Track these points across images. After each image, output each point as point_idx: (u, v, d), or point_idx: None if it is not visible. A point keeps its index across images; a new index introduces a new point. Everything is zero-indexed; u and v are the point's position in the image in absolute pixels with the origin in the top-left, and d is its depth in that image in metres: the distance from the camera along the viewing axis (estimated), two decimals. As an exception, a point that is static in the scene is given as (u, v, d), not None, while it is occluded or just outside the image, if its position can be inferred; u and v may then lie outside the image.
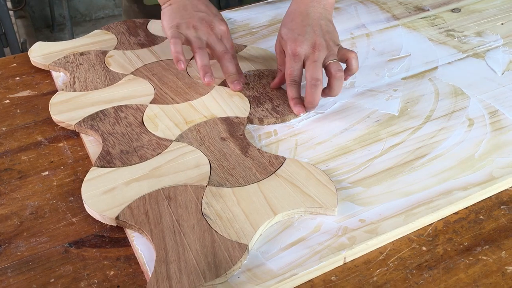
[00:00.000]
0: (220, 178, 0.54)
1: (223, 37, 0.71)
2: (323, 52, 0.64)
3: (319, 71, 0.63)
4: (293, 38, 0.66)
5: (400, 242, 0.49)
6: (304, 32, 0.66)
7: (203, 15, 0.71)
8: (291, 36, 0.66)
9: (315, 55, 0.64)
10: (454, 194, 0.53)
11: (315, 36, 0.65)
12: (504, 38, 0.82)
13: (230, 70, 0.68)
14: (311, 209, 0.51)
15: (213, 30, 0.70)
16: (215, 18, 0.71)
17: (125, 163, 0.57)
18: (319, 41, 0.65)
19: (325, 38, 0.66)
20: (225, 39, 0.71)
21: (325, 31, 0.67)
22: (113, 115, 0.64)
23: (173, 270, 0.44)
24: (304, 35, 0.65)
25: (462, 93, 0.69)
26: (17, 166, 0.59)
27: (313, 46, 0.64)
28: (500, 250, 0.48)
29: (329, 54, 0.65)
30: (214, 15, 0.72)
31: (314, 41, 0.65)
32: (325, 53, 0.65)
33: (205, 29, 0.69)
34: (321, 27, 0.67)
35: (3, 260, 0.48)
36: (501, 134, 0.61)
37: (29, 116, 0.68)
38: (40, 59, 0.77)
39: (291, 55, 0.65)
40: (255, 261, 0.47)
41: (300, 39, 0.65)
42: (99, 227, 0.51)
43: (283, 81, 0.68)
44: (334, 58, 0.65)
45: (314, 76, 0.62)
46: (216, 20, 0.71)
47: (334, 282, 0.46)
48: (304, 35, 0.65)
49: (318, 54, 0.64)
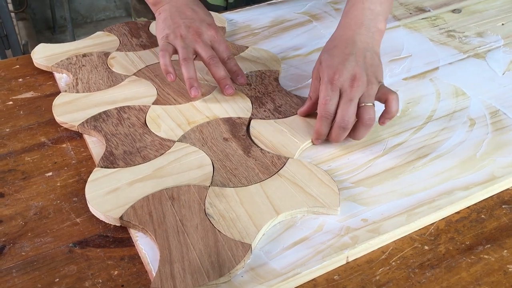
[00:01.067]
0: (223, 178, 0.55)
1: (214, 42, 0.69)
2: (362, 88, 0.58)
3: (352, 112, 0.57)
4: (333, 65, 0.59)
5: (402, 241, 0.50)
6: (346, 61, 0.59)
7: (189, 22, 0.69)
8: (331, 63, 0.60)
9: (352, 92, 0.57)
10: (455, 193, 0.53)
11: (357, 68, 0.59)
12: (505, 38, 0.82)
13: (218, 75, 0.67)
14: (313, 209, 0.51)
15: (200, 37, 0.68)
16: (203, 24, 0.70)
17: (128, 163, 0.57)
18: (360, 74, 0.58)
19: (367, 72, 0.59)
20: (216, 43, 0.69)
21: (369, 64, 0.60)
22: (116, 116, 0.64)
23: (177, 270, 0.45)
24: (345, 64, 0.59)
25: (463, 94, 0.69)
26: (21, 167, 0.60)
27: (353, 79, 0.58)
28: (502, 249, 0.49)
29: (367, 94, 0.58)
30: (201, 20, 0.70)
31: (354, 73, 0.58)
32: (363, 90, 0.58)
33: (192, 37, 0.68)
34: (365, 58, 0.60)
35: (7, 260, 0.49)
36: (502, 134, 0.61)
37: (32, 117, 0.68)
38: (43, 60, 0.77)
39: (327, 83, 0.59)
40: (258, 260, 0.47)
41: (340, 68, 0.59)
42: (103, 227, 0.51)
43: (312, 110, 0.63)
44: (371, 101, 0.58)
45: (345, 118, 0.57)
46: (204, 25, 0.69)
47: (337, 281, 0.46)
48: (345, 64, 0.59)
49: (355, 91, 0.58)
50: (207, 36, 0.69)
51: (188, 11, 0.71)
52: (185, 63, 0.66)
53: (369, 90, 0.59)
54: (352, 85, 0.58)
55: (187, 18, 0.70)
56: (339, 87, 0.58)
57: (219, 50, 0.69)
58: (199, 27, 0.69)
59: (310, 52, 0.80)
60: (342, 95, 0.58)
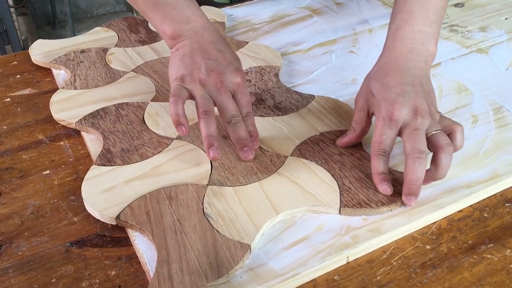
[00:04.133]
0: (221, 177, 0.54)
1: (237, 92, 0.58)
2: (427, 119, 0.52)
3: (423, 141, 0.51)
4: (391, 98, 0.53)
5: (404, 240, 0.49)
6: (403, 93, 0.53)
7: (213, 64, 0.57)
8: (388, 96, 0.53)
9: (417, 122, 0.52)
10: (458, 192, 0.52)
11: (417, 99, 0.53)
12: (508, 33, 0.81)
13: (237, 135, 0.56)
14: (313, 208, 0.50)
15: (223, 84, 0.56)
16: (228, 68, 0.58)
17: (125, 161, 0.56)
18: (421, 106, 0.52)
19: (427, 102, 0.53)
20: (239, 94, 0.58)
21: (426, 93, 0.54)
22: (114, 113, 0.64)
23: (174, 270, 0.44)
24: (404, 96, 0.53)
25: (465, 89, 0.68)
26: (18, 165, 0.59)
27: (415, 112, 0.52)
28: (505, 248, 0.48)
29: (433, 123, 0.52)
30: (228, 63, 0.58)
31: (416, 105, 0.52)
32: (429, 121, 0.52)
33: (214, 83, 0.56)
34: (422, 87, 0.54)
35: (4, 260, 0.48)
36: (505, 131, 0.61)
37: (30, 114, 0.67)
38: (41, 57, 0.76)
39: (386, 119, 0.52)
40: (257, 260, 0.46)
41: (399, 101, 0.52)
42: (101, 227, 0.51)
43: (353, 142, 0.57)
44: (439, 128, 0.52)
45: (416, 147, 0.50)
46: (229, 70, 0.58)
47: (337, 281, 0.46)
48: (404, 96, 0.53)
49: (421, 122, 0.52)
50: (231, 84, 0.57)
51: (213, 50, 0.59)
52: (205, 118, 0.54)
53: (433, 119, 0.53)
54: (416, 118, 0.52)
55: (210, 59, 0.58)
56: (400, 123, 0.52)
57: (240, 103, 0.58)
58: (223, 71, 0.57)
59: (311, 48, 0.79)
60: (406, 129, 0.52)
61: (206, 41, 0.59)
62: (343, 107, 0.64)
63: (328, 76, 0.72)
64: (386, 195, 0.51)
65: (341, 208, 0.50)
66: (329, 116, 0.63)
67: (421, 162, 0.49)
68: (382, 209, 0.50)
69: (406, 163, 0.50)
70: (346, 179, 0.53)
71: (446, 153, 0.50)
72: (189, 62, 0.57)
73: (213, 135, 0.54)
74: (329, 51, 0.78)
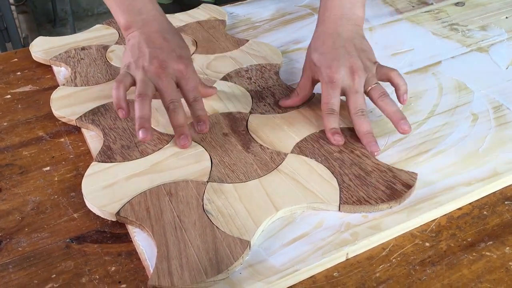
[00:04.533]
0: (221, 174, 0.54)
1: (180, 78, 0.60)
2: (363, 76, 0.59)
3: (363, 101, 0.59)
4: (328, 64, 0.60)
5: (403, 238, 0.49)
6: (338, 56, 0.60)
7: (156, 52, 0.60)
8: (325, 62, 0.60)
9: (355, 85, 0.59)
10: (457, 189, 0.52)
11: (351, 58, 0.60)
12: (508, 32, 0.81)
13: (174, 122, 0.58)
14: (313, 205, 0.51)
15: (164, 70, 0.58)
16: (171, 55, 0.60)
17: (126, 158, 0.56)
18: (356, 64, 0.59)
19: (361, 59, 0.60)
20: (183, 80, 0.60)
21: (359, 49, 0.61)
22: (114, 110, 0.64)
23: (174, 266, 0.44)
24: (339, 59, 0.59)
25: (465, 88, 0.68)
26: (18, 162, 0.59)
27: (351, 71, 0.59)
28: (504, 246, 0.48)
29: (369, 78, 0.60)
30: (171, 50, 0.60)
31: (350, 64, 0.59)
32: (365, 77, 0.59)
33: (155, 69, 0.58)
34: (355, 46, 0.61)
35: (4, 256, 0.48)
36: (505, 129, 0.61)
37: (30, 111, 0.67)
38: (41, 54, 0.77)
39: (328, 83, 0.59)
40: (257, 257, 0.46)
41: (335, 65, 0.59)
42: (101, 223, 0.51)
43: (295, 105, 0.64)
44: (375, 81, 0.60)
45: (358, 108, 0.58)
46: (172, 57, 0.60)
47: (337, 278, 0.46)
48: (339, 60, 0.59)
49: (358, 82, 0.59)
50: (173, 71, 0.59)
51: (158, 39, 0.61)
52: (140, 100, 0.56)
53: (369, 74, 0.60)
54: (354, 78, 0.59)
55: (155, 48, 0.60)
56: (340, 83, 0.59)
57: (185, 89, 0.60)
58: (165, 59, 0.59)
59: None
60: (347, 91, 0.59)
61: (153, 31, 0.62)
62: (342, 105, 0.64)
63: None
64: (338, 145, 0.58)
65: (341, 205, 0.50)
66: (329, 113, 0.63)
67: (364, 117, 0.58)
68: (381, 206, 0.50)
69: (353, 121, 0.58)
70: (346, 176, 0.53)
71: (383, 101, 0.58)
72: (136, 51, 0.61)
73: (145, 117, 0.56)
74: (329, 49, 0.78)
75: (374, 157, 0.56)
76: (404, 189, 0.51)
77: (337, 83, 0.59)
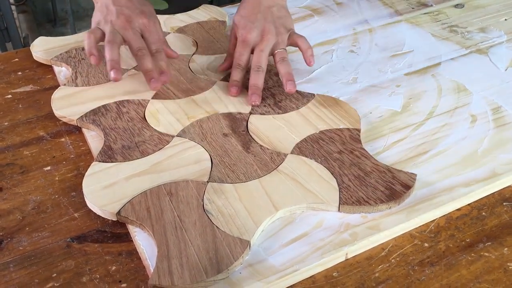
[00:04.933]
0: (221, 174, 0.54)
1: (144, 31, 0.69)
2: (272, 40, 0.68)
3: (264, 59, 0.67)
4: (244, 25, 0.68)
5: (402, 238, 0.49)
6: (255, 19, 0.68)
7: (121, 9, 0.68)
8: (243, 23, 0.69)
9: (262, 45, 0.67)
10: (456, 190, 0.53)
11: (265, 23, 0.68)
12: (508, 34, 0.81)
13: (143, 67, 0.66)
14: (313, 205, 0.51)
15: (130, 24, 0.68)
16: (135, 11, 0.69)
17: (126, 158, 0.57)
18: (268, 28, 0.68)
19: (275, 25, 0.68)
20: (147, 32, 0.69)
21: (276, 17, 0.69)
22: (115, 110, 0.64)
23: (174, 266, 0.44)
24: (254, 22, 0.68)
25: (465, 89, 0.69)
26: (19, 161, 0.59)
27: (262, 34, 0.67)
28: (503, 246, 0.48)
29: (278, 43, 0.68)
30: (135, 8, 0.69)
31: (263, 28, 0.68)
32: (274, 41, 0.68)
33: (121, 24, 0.67)
34: (272, 13, 0.69)
35: (5, 255, 0.48)
36: (504, 131, 0.61)
37: (31, 111, 0.68)
38: (42, 54, 0.77)
39: (241, 42, 0.68)
40: (257, 257, 0.47)
41: (250, 26, 0.68)
42: (101, 222, 0.51)
43: (231, 66, 0.70)
44: (283, 47, 0.68)
45: (257, 64, 0.66)
46: (136, 13, 0.69)
47: (336, 278, 0.46)
48: (254, 22, 0.68)
49: (266, 43, 0.67)
50: (138, 24, 0.68)
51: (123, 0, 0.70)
52: (109, 45, 0.65)
53: (279, 39, 0.68)
54: (262, 39, 0.67)
55: (120, 6, 0.69)
56: (251, 43, 0.68)
57: (149, 40, 0.69)
58: (130, 14, 0.68)
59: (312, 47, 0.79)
60: (255, 49, 0.68)
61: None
62: (343, 106, 0.65)
63: (328, 75, 0.72)
64: (232, 95, 0.66)
65: (340, 206, 0.50)
66: (329, 114, 0.63)
67: (259, 73, 0.66)
68: (381, 206, 0.50)
69: (250, 74, 0.66)
70: (346, 176, 0.53)
71: (281, 64, 0.67)
72: (104, 10, 0.70)
73: (115, 59, 0.65)
74: (329, 50, 0.78)
75: None
76: (403, 189, 0.51)
77: (248, 42, 0.67)
